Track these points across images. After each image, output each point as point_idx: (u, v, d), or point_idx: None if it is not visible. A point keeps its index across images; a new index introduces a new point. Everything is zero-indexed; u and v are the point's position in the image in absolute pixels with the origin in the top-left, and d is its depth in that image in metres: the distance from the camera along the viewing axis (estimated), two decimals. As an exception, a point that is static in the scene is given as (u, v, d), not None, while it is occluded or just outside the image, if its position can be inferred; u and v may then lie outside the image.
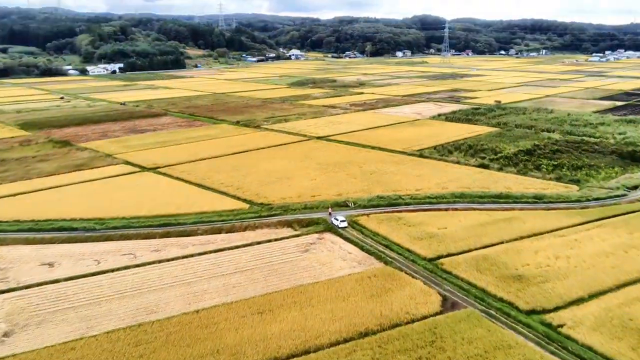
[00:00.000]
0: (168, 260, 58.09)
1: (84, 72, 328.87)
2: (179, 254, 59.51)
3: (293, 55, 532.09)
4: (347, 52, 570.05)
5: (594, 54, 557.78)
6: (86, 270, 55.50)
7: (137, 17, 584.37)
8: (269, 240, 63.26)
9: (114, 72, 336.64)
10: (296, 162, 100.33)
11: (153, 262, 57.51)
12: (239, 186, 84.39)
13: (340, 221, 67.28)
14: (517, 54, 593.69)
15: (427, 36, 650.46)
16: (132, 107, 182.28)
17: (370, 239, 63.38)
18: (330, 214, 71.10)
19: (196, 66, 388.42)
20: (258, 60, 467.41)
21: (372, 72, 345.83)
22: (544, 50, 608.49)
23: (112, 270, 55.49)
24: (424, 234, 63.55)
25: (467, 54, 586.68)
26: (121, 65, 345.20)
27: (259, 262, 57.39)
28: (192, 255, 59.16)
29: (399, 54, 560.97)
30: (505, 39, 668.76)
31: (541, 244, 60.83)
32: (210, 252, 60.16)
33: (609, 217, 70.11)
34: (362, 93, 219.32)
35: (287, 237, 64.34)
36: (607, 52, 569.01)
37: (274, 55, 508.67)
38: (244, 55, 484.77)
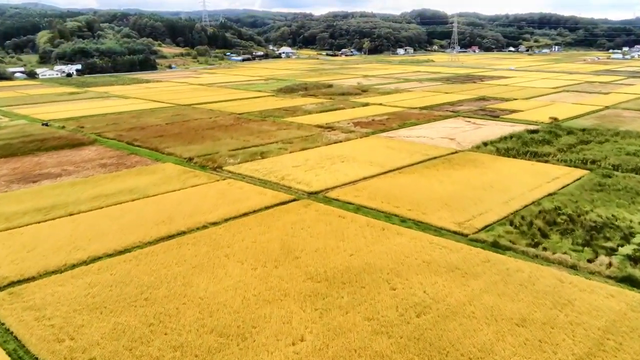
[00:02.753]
0: None
1: (32, 75, 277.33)
2: None
3: (283, 53, 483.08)
4: (342, 50, 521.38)
5: (611, 50, 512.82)
6: None
7: (112, 12, 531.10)
8: None
9: (69, 75, 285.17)
10: (267, 273, 52.23)
11: None
12: (123, 377, 36.31)
13: None
14: (527, 50, 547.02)
15: (429, 32, 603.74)
16: (56, 128, 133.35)
17: None
18: None
19: (170, 67, 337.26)
20: (244, 60, 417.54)
21: (374, 73, 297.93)
22: (556, 47, 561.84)
23: None
24: None
25: (474, 51, 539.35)
26: (79, 66, 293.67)
27: None
28: None
29: (401, 51, 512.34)
30: (513, 34, 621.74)
31: None
32: None
33: None
34: (367, 104, 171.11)
35: None
36: (624, 48, 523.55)
37: (262, 53, 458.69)
38: (227, 53, 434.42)
